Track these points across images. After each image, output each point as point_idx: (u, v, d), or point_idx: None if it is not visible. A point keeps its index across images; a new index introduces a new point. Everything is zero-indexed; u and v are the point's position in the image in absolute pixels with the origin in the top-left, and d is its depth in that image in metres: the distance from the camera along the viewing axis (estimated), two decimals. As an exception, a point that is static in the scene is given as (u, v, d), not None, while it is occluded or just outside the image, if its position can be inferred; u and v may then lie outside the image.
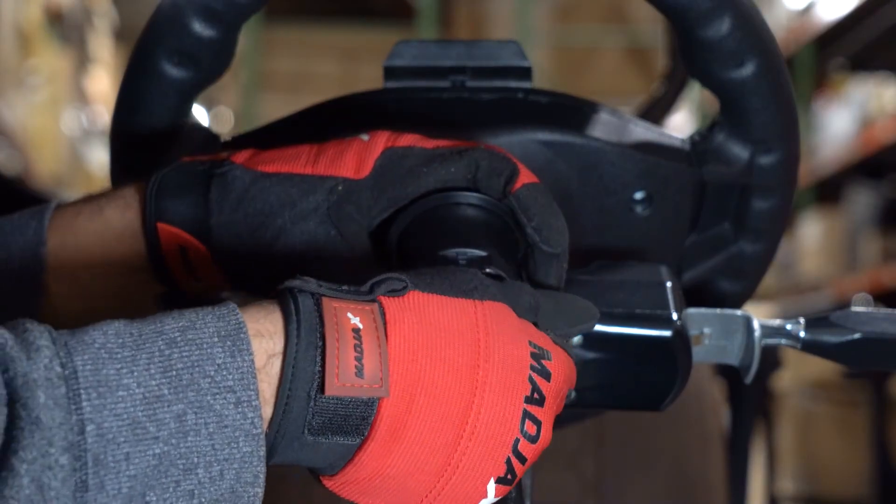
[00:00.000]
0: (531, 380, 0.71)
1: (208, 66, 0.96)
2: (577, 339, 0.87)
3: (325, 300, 0.68)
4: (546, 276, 0.82)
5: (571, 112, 0.99)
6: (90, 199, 0.89)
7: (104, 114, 6.22)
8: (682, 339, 0.88)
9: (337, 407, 0.67)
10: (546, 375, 0.71)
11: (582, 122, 0.98)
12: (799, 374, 4.68)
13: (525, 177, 0.83)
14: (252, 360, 0.65)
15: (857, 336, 0.90)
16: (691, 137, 1.00)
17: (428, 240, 0.81)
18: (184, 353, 0.65)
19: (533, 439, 0.71)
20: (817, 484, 4.84)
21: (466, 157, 0.83)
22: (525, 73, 1.00)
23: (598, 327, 0.87)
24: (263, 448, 0.66)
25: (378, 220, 0.84)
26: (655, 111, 1.79)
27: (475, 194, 0.83)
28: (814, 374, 4.68)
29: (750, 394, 1.81)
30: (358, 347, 0.66)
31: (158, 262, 0.85)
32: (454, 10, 7.55)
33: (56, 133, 5.30)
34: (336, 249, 0.81)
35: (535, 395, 0.71)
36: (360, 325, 0.67)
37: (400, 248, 0.83)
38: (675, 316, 0.87)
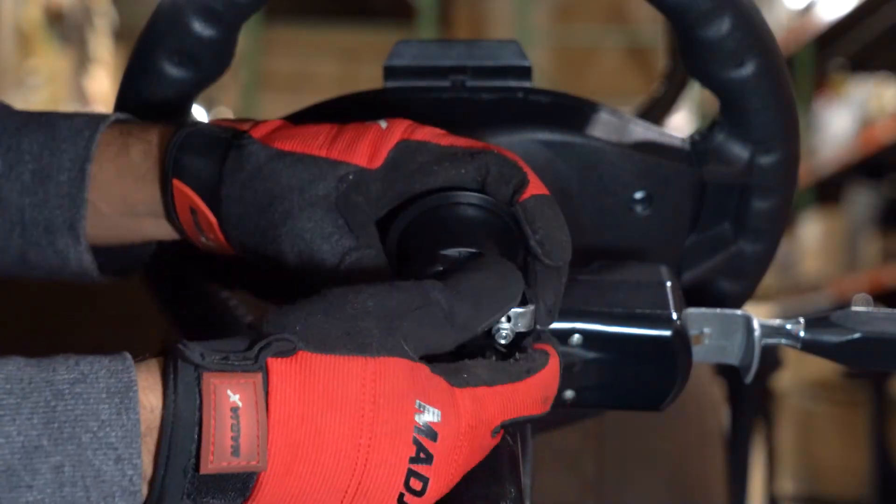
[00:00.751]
0: (416, 441, 0.70)
1: (208, 66, 0.96)
2: (576, 339, 0.87)
3: (205, 376, 0.68)
4: (544, 287, 0.82)
5: (571, 112, 0.99)
6: (128, 131, 0.89)
7: (104, 114, 6.21)
8: (682, 339, 0.88)
9: (215, 479, 0.68)
10: (432, 436, 0.71)
11: (582, 122, 0.98)
12: (799, 374, 4.68)
13: (534, 187, 0.82)
14: (138, 420, 0.66)
15: (857, 336, 0.90)
16: (691, 137, 1.00)
17: (429, 238, 0.81)
18: (68, 406, 0.66)
19: (419, 493, 0.71)
20: (817, 484, 4.84)
21: (477, 160, 0.82)
22: (525, 72, 1.00)
23: (598, 327, 0.87)
24: None
25: (385, 213, 0.83)
26: (655, 111, 1.79)
27: (478, 195, 0.83)
28: (814, 374, 4.68)
29: (750, 394, 1.81)
30: (235, 427, 0.67)
31: (172, 215, 0.87)
32: (454, 10, 7.55)
33: (56, 133, 5.29)
34: (342, 239, 0.81)
35: (422, 455, 0.71)
36: (240, 403, 0.67)
37: (400, 245, 0.83)
38: (675, 316, 0.87)
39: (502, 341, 0.78)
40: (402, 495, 0.71)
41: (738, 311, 0.91)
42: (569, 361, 0.87)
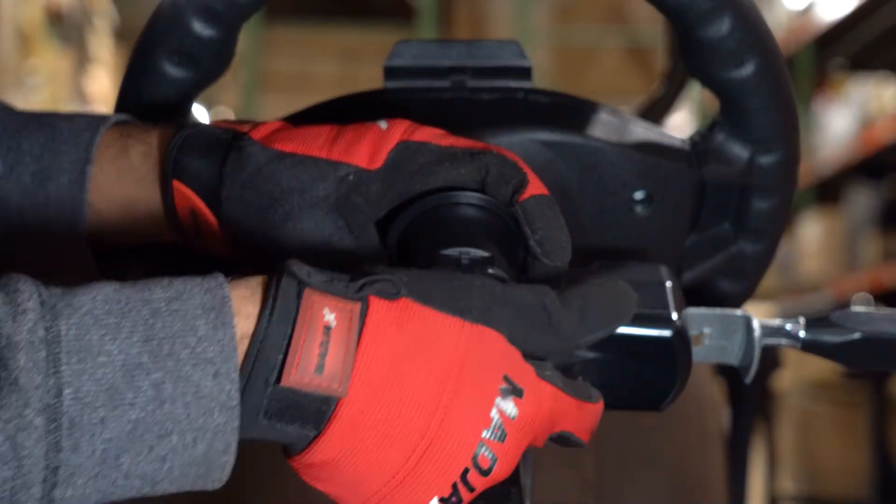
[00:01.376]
0: (494, 415, 0.70)
1: (208, 66, 0.96)
2: (576, 339, 0.87)
3: (307, 291, 0.68)
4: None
5: (571, 112, 0.99)
6: (129, 132, 0.89)
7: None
8: (682, 339, 0.87)
9: (295, 397, 0.68)
10: (511, 413, 0.71)
11: (582, 122, 0.98)
12: (799, 374, 4.68)
13: (534, 187, 0.82)
14: (234, 335, 0.67)
15: (857, 336, 0.90)
16: (691, 137, 1.00)
17: (430, 238, 0.81)
18: (167, 323, 0.66)
19: (484, 472, 0.71)
20: (817, 484, 4.84)
21: (477, 160, 0.82)
22: (525, 72, 1.00)
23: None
24: (238, 420, 0.67)
25: (385, 214, 0.83)
26: (655, 111, 1.79)
27: (478, 195, 0.83)
28: (814, 374, 4.67)
29: (750, 394, 1.81)
30: (324, 344, 0.67)
31: (172, 216, 0.87)
32: (454, 10, 7.55)
33: (56, 133, 5.29)
34: (342, 239, 0.81)
35: (496, 431, 0.71)
36: (333, 324, 0.68)
37: (401, 245, 0.83)
38: (675, 316, 0.87)
39: None
40: (466, 471, 0.70)
41: (738, 312, 0.91)
42: (569, 361, 0.87)
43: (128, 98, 0.97)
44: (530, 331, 0.73)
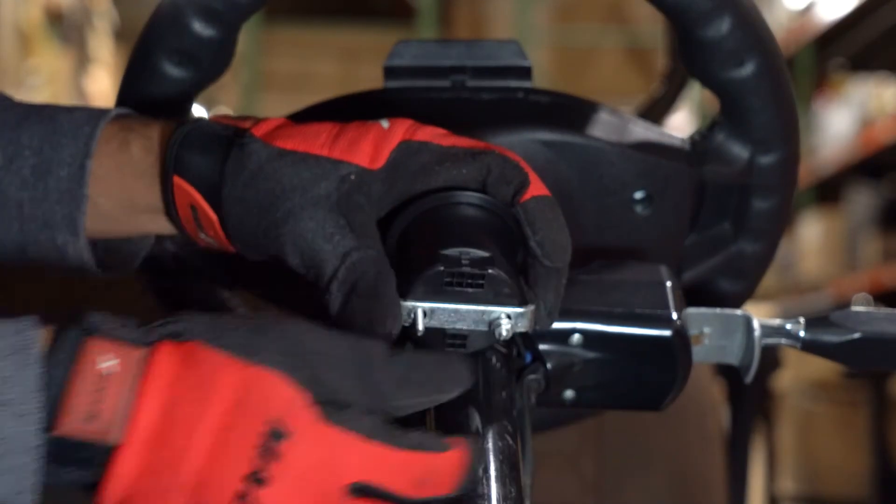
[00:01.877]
0: (258, 458, 0.69)
1: (208, 66, 0.95)
2: (576, 339, 0.87)
3: (87, 340, 0.69)
4: (545, 288, 0.82)
5: (571, 112, 0.99)
6: (129, 126, 0.89)
7: (104, 114, 6.21)
8: (682, 339, 0.88)
9: (72, 444, 0.69)
10: (275, 456, 0.69)
11: (582, 122, 0.98)
12: (799, 374, 4.68)
13: (535, 188, 0.82)
14: (39, 376, 0.67)
15: (857, 336, 0.90)
16: (691, 137, 1.00)
17: (430, 238, 0.81)
18: None
19: None
20: (817, 484, 4.84)
21: (479, 160, 0.82)
22: (525, 72, 1.00)
23: (598, 327, 0.87)
24: (39, 460, 0.67)
25: (385, 213, 0.83)
26: (655, 111, 1.79)
27: (478, 195, 0.83)
28: (814, 374, 4.68)
29: (750, 394, 1.81)
30: (100, 392, 0.68)
31: (172, 212, 0.87)
32: (454, 10, 7.55)
33: (56, 133, 5.29)
34: (343, 238, 0.81)
35: (260, 474, 0.69)
36: (115, 370, 0.68)
37: (401, 245, 0.82)
38: (675, 316, 0.87)
39: (501, 339, 0.79)
40: None
41: (738, 311, 0.91)
42: (569, 361, 0.87)
43: (127, 98, 0.97)
44: (339, 381, 0.72)
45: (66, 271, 0.91)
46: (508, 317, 0.78)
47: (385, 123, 0.84)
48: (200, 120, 0.87)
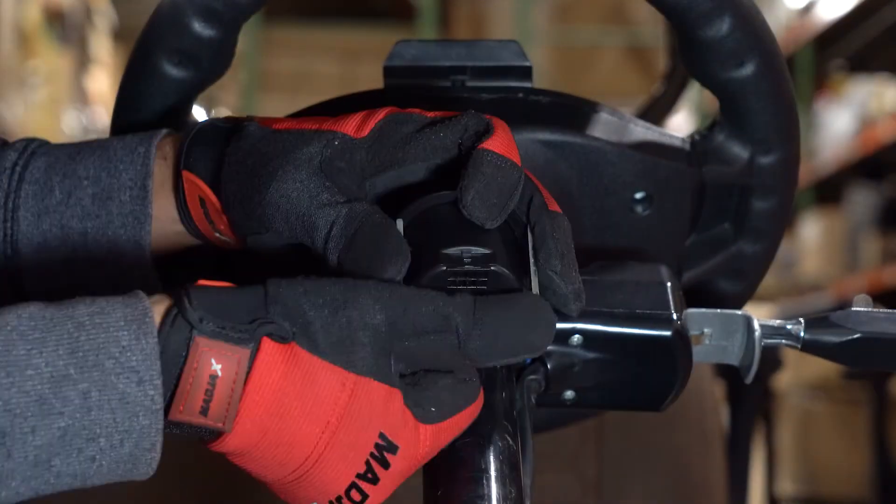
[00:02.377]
0: (368, 463, 0.75)
1: (208, 66, 0.95)
2: (576, 339, 0.87)
3: (196, 339, 0.72)
4: (547, 260, 0.82)
5: (571, 112, 0.99)
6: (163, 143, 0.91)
7: (104, 114, 6.22)
8: (682, 339, 0.88)
9: (185, 426, 0.73)
10: (385, 464, 0.75)
11: (582, 122, 0.98)
12: (799, 374, 4.68)
13: (549, 203, 0.83)
14: (156, 343, 0.70)
15: (857, 336, 0.90)
16: (691, 137, 1.00)
17: (431, 237, 0.81)
18: (91, 336, 0.70)
19: (356, 502, 0.76)
20: (817, 484, 4.84)
21: (455, 122, 0.84)
22: (525, 72, 1.00)
23: (598, 327, 0.87)
24: (161, 422, 0.71)
25: (370, 182, 0.83)
26: (655, 111, 1.79)
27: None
28: (814, 374, 4.67)
29: (750, 394, 1.81)
30: (209, 392, 0.71)
31: (185, 213, 0.89)
32: (454, 10, 7.55)
33: (56, 133, 5.30)
34: (332, 197, 0.81)
35: (370, 475, 0.75)
36: (220, 374, 0.71)
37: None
38: (675, 316, 0.87)
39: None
40: (339, 498, 0.75)
41: (739, 312, 0.91)
42: (569, 361, 0.87)
43: (127, 98, 0.97)
44: (436, 355, 0.76)
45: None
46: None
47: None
48: (207, 120, 0.89)
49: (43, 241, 0.91)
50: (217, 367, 0.71)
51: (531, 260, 0.81)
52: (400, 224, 0.82)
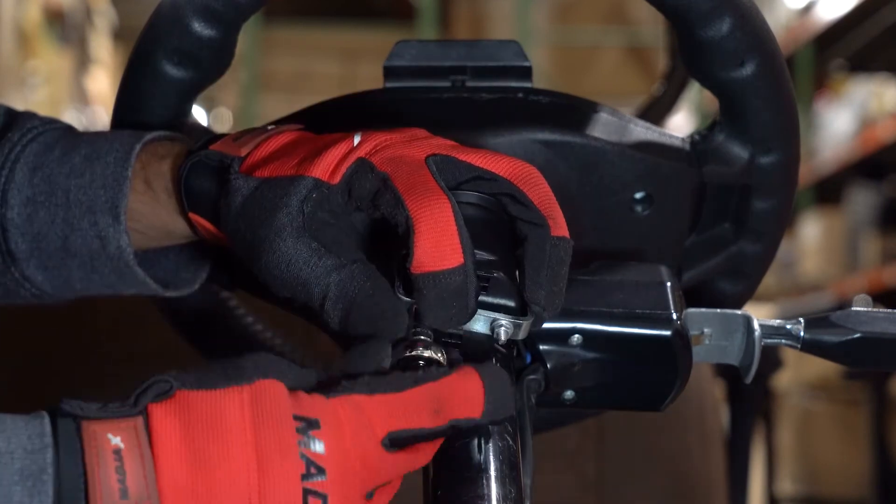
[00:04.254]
0: (303, 456, 0.70)
1: (208, 66, 0.95)
2: (576, 339, 0.87)
3: (84, 424, 0.68)
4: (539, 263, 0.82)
5: (571, 112, 0.99)
6: (148, 162, 0.92)
7: (104, 114, 6.22)
8: (682, 339, 0.87)
9: None
10: (318, 447, 0.70)
11: (582, 122, 0.98)
12: (799, 374, 4.69)
13: (558, 229, 0.82)
14: (49, 500, 0.66)
15: (857, 336, 0.90)
16: (691, 137, 1.00)
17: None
18: None
19: None
20: (817, 484, 4.84)
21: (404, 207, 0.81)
22: (525, 72, 0.99)
23: (598, 327, 0.87)
24: None
25: (354, 215, 0.83)
26: (655, 111, 1.79)
27: (476, 194, 0.82)
28: (814, 374, 4.68)
29: (750, 394, 1.81)
30: (119, 469, 0.67)
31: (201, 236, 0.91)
32: (454, 10, 7.55)
33: (56, 133, 5.29)
34: (321, 260, 0.80)
35: (313, 469, 0.70)
36: (122, 445, 0.68)
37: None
38: (675, 316, 0.87)
39: (500, 342, 0.79)
40: None
41: (739, 312, 0.91)
42: (569, 362, 0.87)
43: (127, 98, 0.97)
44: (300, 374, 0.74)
45: (107, 261, 0.93)
46: (512, 324, 0.79)
47: (357, 138, 0.83)
48: (201, 154, 0.89)
49: (31, 196, 0.91)
50: (116, 440, 0.68)
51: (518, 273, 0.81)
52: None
